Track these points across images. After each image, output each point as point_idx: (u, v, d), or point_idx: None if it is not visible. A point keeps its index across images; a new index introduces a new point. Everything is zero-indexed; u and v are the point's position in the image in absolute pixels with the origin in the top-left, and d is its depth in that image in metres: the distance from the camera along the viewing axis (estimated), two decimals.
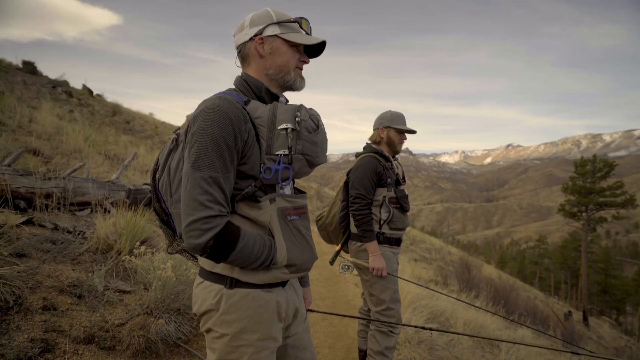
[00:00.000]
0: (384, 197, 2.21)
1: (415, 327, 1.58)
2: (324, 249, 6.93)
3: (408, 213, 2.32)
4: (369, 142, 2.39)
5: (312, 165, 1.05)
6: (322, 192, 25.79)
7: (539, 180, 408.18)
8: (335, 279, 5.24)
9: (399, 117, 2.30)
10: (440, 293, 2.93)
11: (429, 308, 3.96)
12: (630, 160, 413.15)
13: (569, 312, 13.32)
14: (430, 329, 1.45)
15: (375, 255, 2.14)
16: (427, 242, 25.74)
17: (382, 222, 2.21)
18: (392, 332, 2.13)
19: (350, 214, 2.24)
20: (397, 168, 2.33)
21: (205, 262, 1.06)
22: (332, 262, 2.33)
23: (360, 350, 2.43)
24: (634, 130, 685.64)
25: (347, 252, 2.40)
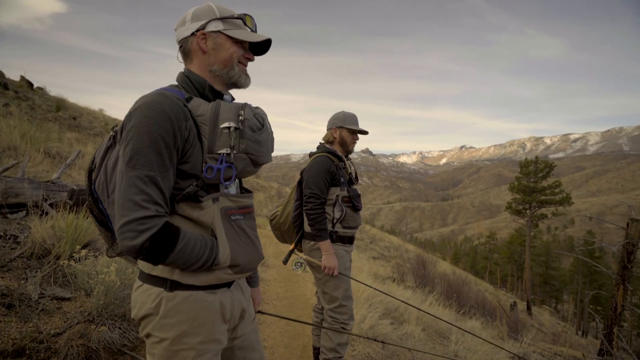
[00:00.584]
0: (337, 196, 2.24)
1: (359, 336, 1.62)
2: (283, 249, 6.90)
3: (361, 211, 2.37)
4: (322, 142, 2.41)
5: (256, 164, 1.04)
6: (283, 192, 25.64)
7: (489, 180, 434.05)
8: (294, 279, 5.24)
9: (352, 118, 2.35)
10: (381, 292, 3.02)
11: (384, 304, 4.07)
12: (567, 162, 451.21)
13: (514, 302, 14.26)
14: (375, 340, 1.49)
15: (328, 254, 2.16)
16: (387, 240, 26.46)
17: (335, 220, 2.24)
18: (344, 328, 2.17)
19: (304, 213, 2.25)
20: (350, 168, 2.38)
21: (144, 265, 1.02)
22: (285, 262, 2.33)
23: (314, 348, 2.45)
24: (570, 134, 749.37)
25: (301, 251, 2.41)
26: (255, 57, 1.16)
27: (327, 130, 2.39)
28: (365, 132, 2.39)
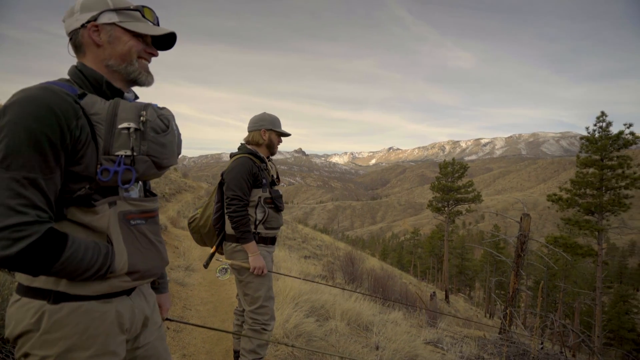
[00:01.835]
0: (259, 197, 2.24)
1: (276, 342, 1.64)
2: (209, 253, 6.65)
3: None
4: (243, 142, 2.39)
5: (160, 167, 1.00)
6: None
7: (414, 180, 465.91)
8: (219, 282, 5.09)
9: (278, 121, 2.38)
10: (312, 281, 3.09)
11: (310, 302, 4.15)
12: (478, 164, 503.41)
13: (434, 292, 15.52)
14: (286, 344, 1.53)
15: (255, 255, 2.16)
16: (319, 239, 26.91)
17: (257, 222, 2.24)
18: (264, 329, 2.18)
19: (227, 216, 2.21)
20: (272, 169, 2.39)
21: (22, 276, 0.91)
22: (206, 265, 2.26)
23: (235, 352, 2.41)
24: (481, 139, 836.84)
25: (221, 253, 2.36)
26: (160, 53, 1.12)
27: (254, 131, 2.37)
28: (289, 135, 2.43)
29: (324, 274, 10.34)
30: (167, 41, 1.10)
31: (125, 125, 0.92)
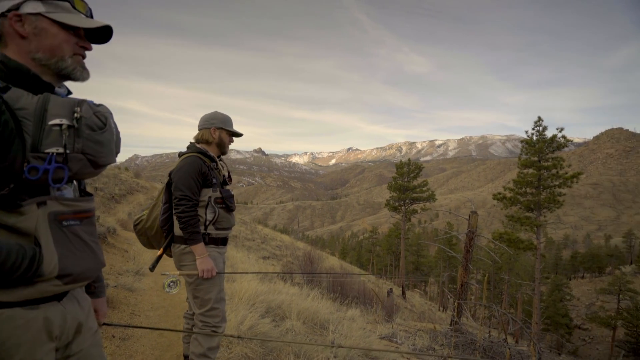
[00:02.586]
0: (210, 197, 2.19)
1: (229, 336, 1.62)
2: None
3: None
4: (192, 141, 2.33)
5: (96, 165, 0.95)
6: None
7: (372, 180, 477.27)
8: None
9: (229, 120, 2.34)
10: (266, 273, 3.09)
11: (266, 303, 4.13)
12: (433, 164, 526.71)
13: (391, 289, 16.02)
14: (234, 336, 1.53)
15: (203, 257, 2.10)
16: (278, 239, 26.76)
17: (207, 222, 2.19)
18: (215, 331, 2.13)
19: (175, 216, 2.14)
20: (223, 168, 2.35)
21: None
22: (152, 269, 2.18)
23: (185, 357, 2.35)
24: (435, 140, 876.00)
25: (170, 256, 2.28)
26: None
27: (204, 129, 2.31)
28: (241, 134, 2.40)
29: (284, 275, 10.29)
30: (102, 34, 1.06)
31: (56, 121, 0.87)
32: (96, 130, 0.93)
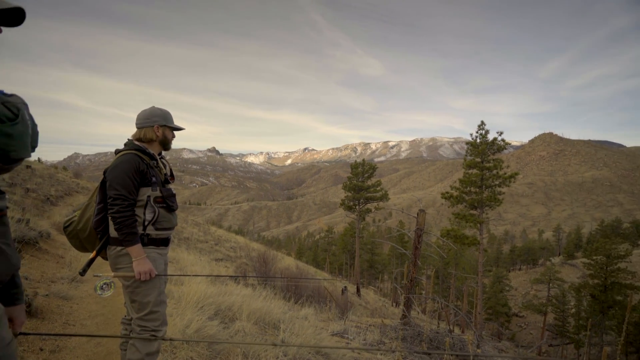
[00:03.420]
0: (149, 196, 2.09)
1: (169, 340, 1.56)
2: (101, 260, 5.98)
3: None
4: (130, 139, 2.21)
5: (7, 160, 0.88)
6: None
7: (328, 180, 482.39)
8: (115, 292, 4.61)
9: (170, 115, 2.25)
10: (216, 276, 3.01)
11: (216, 305, 4.02)
12: (386, 165, 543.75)
13: (345, 287, 16.32)
14: (164, 338, 1.47)
15: (140, 258, 2.00)
16: (233, 240, 26.13)
17: (146, 223, 2.09)
18: (154, 335, 2.04)
19: (110, 217, 2.01)
20: (165, 167, 2.26)
21: None
22: (82, 273, 2.03)
23: None
24: (389, 141, 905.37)
25: (105, 259, 2.15)
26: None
27: (145, 127, 2.19)
28: (182, 129, 2.32)
29: (237, 276, 10.08)
30: (13, 17, 0.97)
31: None
32: (5, 122, 0.86)
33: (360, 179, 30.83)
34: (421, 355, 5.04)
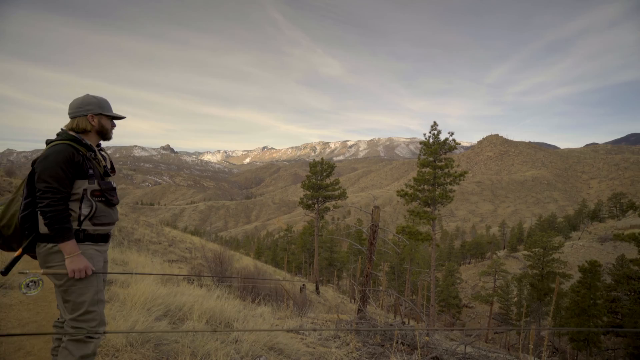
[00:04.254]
0: (85, 190, 1.95)
1: (108, 332, 1.47)
2: (34, 264, 5.50)
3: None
4: (64, 128, 2.05)
5: None
6: None
7: (287, 179, 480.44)
8: (50, 297, 4.26)
9: (107, 103, 2.11)
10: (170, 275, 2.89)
11: (165, 305, 3.85)
12: (345, 164, 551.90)
13: (303, 285, 16.36)
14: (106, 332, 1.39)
15: (73, 255, 1.86)
16: (188, 241, 25.21)
17: (82, 217, 1.95)
18: (90, 337, 1.91)
19: (39, 212, 1.85)
20: (104, 159, 2.13)
21: None
22: (4, 272, 1.85)
23: None
24: (348, 141, 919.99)
25: (34, 257, 1.98)
26: None
27: (77, 117, 2.04)
28: (123, 117, 2.19)
29: (191, 277, 9.74)
30: None
31: None
32: None
33: (319, 177, 31.07)
34: (375, 347, 5.18)
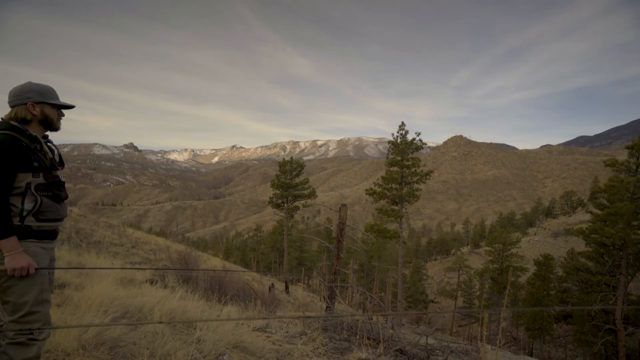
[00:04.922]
0: (29, 184, 1.83)
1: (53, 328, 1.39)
2: None
3: (66, 201, 2.04)
4: (4, 118, 1.92)
5: None
6: None
7: (257, 178, 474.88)
8: None
9: (50, 91, 1.99)
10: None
11: (124, 307, 3.70)
12: (315, 163, 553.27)
13: (272, 284, 16.26)
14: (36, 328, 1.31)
15: (14, 253, 1.74)
16: (153, 243, 24.31)
17: (24, 213, 1.83)
18: (33, 339, 1.80)
19: None
20: (52, 151, 2.01)
21: None
22: None
23: None
24: (318, 140, 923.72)
25: None
26: None
27: (17, 106, 1.91)
28: (72, 106, 2.06)
29: (153, 278, 9.42)
30: None
31: None
32: None
33: (289, 176, 30.97)
34: (342, 342, 5.24)
